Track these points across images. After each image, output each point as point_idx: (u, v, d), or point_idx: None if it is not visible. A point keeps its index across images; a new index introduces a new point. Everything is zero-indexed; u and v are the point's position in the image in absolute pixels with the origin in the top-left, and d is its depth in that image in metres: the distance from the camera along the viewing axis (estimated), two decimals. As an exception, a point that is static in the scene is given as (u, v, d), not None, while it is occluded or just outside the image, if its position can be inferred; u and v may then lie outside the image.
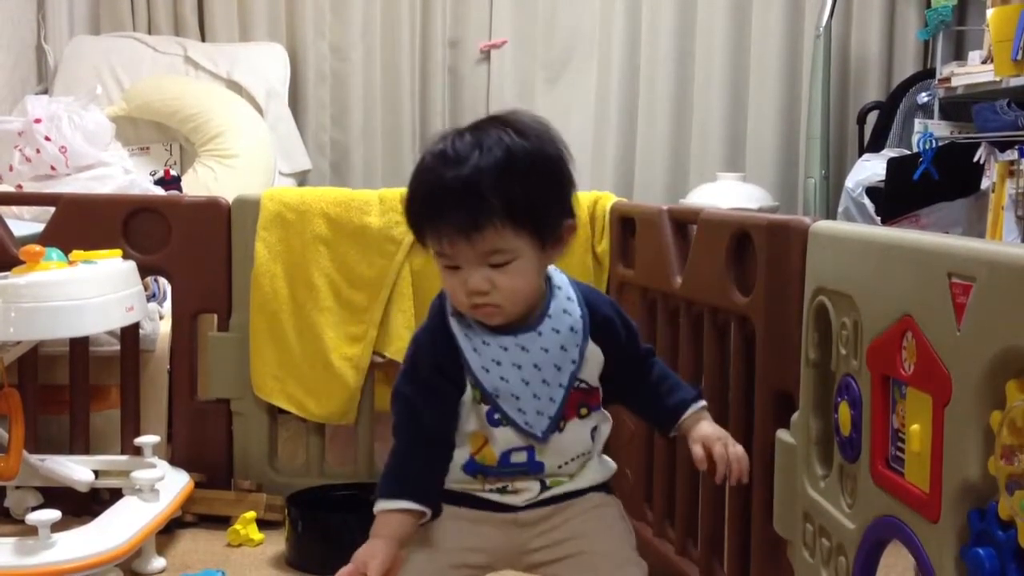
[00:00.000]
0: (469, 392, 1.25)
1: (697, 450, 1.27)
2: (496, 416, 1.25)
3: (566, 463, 1.29)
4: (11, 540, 1.69)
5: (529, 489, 1.28)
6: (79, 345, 2.19)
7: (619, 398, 1.37)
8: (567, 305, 1.30)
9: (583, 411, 1.29)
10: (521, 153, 1.20)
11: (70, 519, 1.85)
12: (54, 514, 1.69)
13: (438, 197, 1.20)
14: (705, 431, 1.30)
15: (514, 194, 1.18)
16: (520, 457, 1.27)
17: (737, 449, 1.28)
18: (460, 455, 1.27)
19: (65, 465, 2.03)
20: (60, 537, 1.70)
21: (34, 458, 2.01)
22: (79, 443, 2.21)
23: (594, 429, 1.31)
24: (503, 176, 1.18)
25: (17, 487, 2.11)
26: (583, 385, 1.28)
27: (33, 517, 1.69)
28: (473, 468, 1.27)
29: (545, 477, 1.29)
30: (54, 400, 2.23)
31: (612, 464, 1.38)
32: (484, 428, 1.26)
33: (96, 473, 2.05)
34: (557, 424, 1.26)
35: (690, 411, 1.32)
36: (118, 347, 2.23)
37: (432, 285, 2.24)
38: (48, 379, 2.22)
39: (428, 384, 1.25)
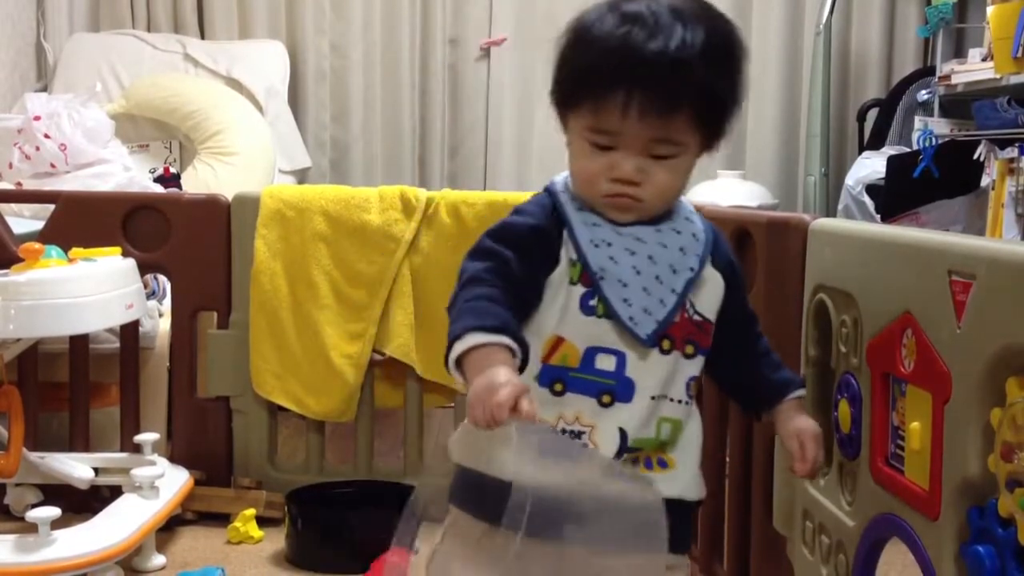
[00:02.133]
0: (564, 268, 1.07)
1: (793, 445, 1.15)
2: (592, 302, 1.06)
3: (660, 398, 1.08)
4: (11, 537, 1.69)
5: (604, 438, 1.06)
6: (79, 342, 2.19)
7: (716, 362, 1.16)
8: (690, 215, 1.16)
9: (689, 348, 1.11)
10: (724, 34, 1.07)
11: (70, 516, 1.85)
12: (54, 511, 1.69)
13: (633, 65, 1.03)
14: (804, 424, 1.16)
15: (717, 83, 1.05)
16: (608, 363, 1.07)
17: (821, 451, 1.16)
18: (530, 369, 1.05)
19: (65, 462, 2.03)
20: (60, 534, 1.70)
21: (34, 455, 2.01)
22: (79, 440, 2.21)
23: (692, 383, 1.12)
24: (711, 59, 1.04)
25: (17, 484, 2.11)
26: (696, 313, 1.11)
27: (33, 514, 1.69)
28: (550, 375, 1.06)
29: (629, 424, 1.06)
30: (54, 397, 2.23)
31: (704, 488, 1.19)
32: (568, 323, 1.06)
33: (96, 470, 2.05)
34: (663, 334, 1.08)
35: (793, 395, 1.18)
36: (118, 344, 2.23)
37: (432, 283, 2.24)
38: (48, 376, 2.22)
39: (520, 242, 1.07)
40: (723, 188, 3.38)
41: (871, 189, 3.04)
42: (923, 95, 3.28)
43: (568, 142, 1.12)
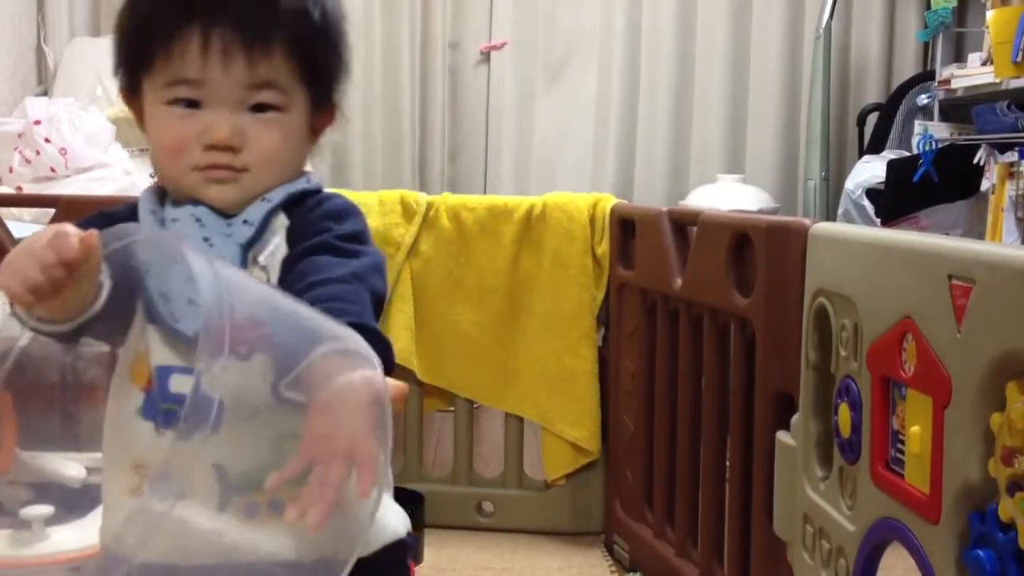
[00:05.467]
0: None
1: None
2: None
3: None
4: (5, 532, 1.72)
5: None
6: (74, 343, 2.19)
7: None
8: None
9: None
10: None
11: (63, 514, 1.85)
12: (47, 509, 1.71)
13: None
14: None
15: (314, 19, 0.93)
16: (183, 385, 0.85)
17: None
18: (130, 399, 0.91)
19: (57, 461, 2.03)
20: (53, 530, 1.72)
21: (26, 454, 2.01)
22: (71, 440, 2.20)
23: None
24: None
25: (10, 482, 2.11)
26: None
27: (27, 512, 1.71)
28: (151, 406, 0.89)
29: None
30: (47, 397, 2.23)
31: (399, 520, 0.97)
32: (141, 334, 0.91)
33: (88, 470, 2.05)
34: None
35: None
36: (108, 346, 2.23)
37: (432, 287, 2.25)
38: (40, 376, 2.22)
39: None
40: (723, 192, 3.38)
41: (871, 193, 3.04)
42: (923, 99, 3.28)
43: (147, 123, 0.94)
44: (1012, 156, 2.70)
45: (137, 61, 0.93)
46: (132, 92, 0.95)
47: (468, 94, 3.89)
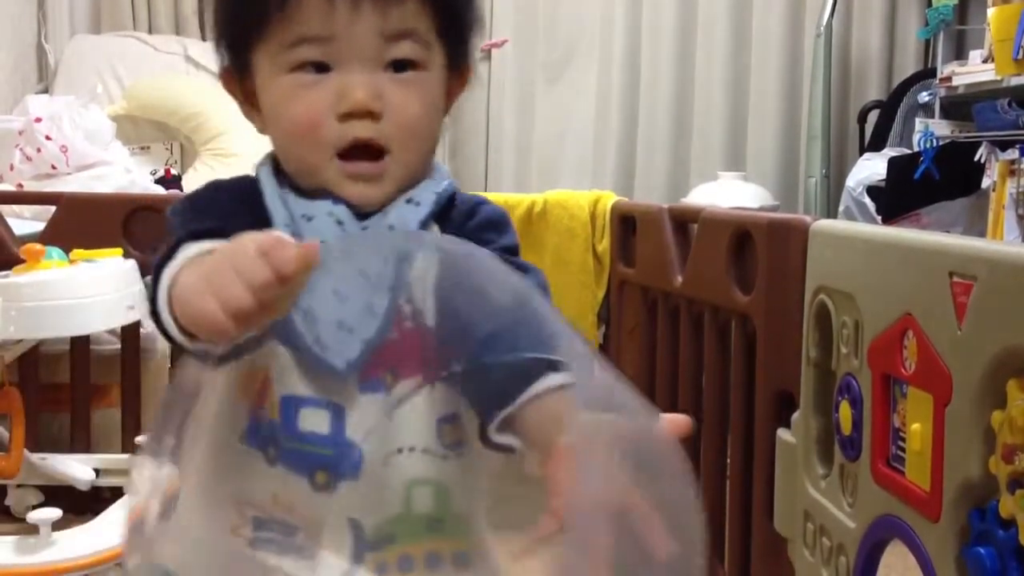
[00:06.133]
0: None
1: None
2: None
3: (394, 454, 0.72)
4: (12, 539, 1.70)
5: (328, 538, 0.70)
6: (80, 343, 2.19)
7: None
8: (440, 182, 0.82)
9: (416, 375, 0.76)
10: None
11: (71, 518, 1.85)
12: (55, 512, 1.70)
13: None
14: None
15: None
16: (318, 422, 0.72)
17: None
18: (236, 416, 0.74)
19: (66, 463, 2.03)
20: (61, 536, 1.70)
21: (35, 456, 2.01)
22: (80, 441, 2.21)
23: (445, 425, 0.75)
24: None
25: (18, 485, 2.11)
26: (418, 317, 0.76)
27: (34, 516, 1.69)
28: (261, 433, 0.73)
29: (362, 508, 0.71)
30: (55, 399, 2.23)
31: None
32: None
33: (97, 471, 2.05)
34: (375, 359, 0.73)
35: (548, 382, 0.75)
36: (119, 346, 2.23)
37: (433, 284, 2.25)
38: (49, 377, 2.22)
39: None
40: (724, 189, 3.38)
41: (872, 190, 3.04)
42: (924, 97, 3.28)
43: (265, 103, 0.79)
44: (1013, 153, 2.70)
45: (246, 26, 0.77)
46: (239, 70, 0.81)
47: (469, 92, 3.89)
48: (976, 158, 2.84)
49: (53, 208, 2.24)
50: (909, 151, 3.11)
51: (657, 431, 0.60)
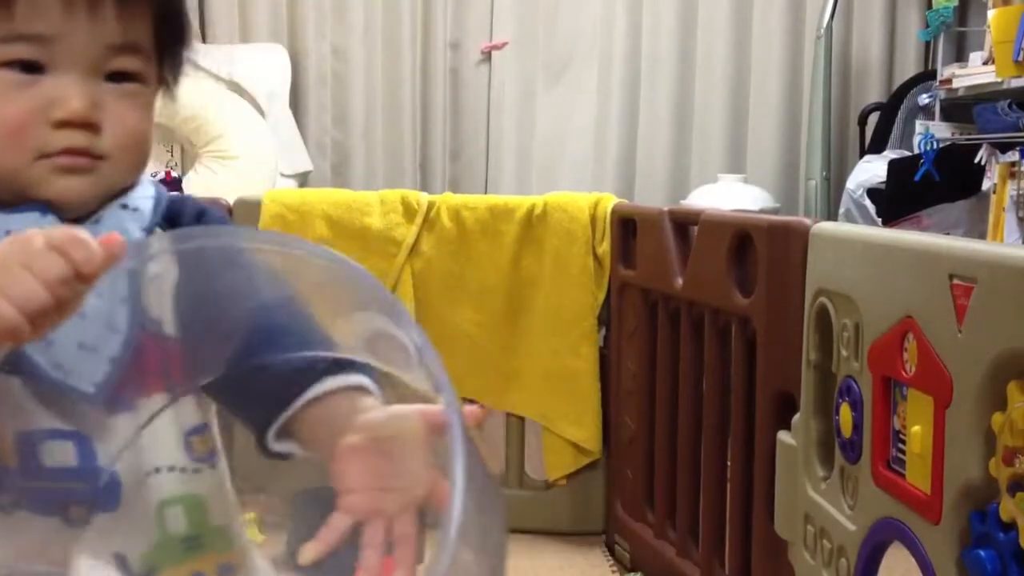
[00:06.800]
0: None
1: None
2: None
3: (149, 474, 0.70)
4: None
5: None
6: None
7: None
8: (145, 191, 0.76)
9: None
10: None
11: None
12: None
13: None
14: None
15: None
16: (64, 454, 0.67)
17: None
18: None
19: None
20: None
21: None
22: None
23: (194, 437, 0.73)
24: None
25: None
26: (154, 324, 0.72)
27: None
28: None
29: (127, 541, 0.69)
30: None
31: None
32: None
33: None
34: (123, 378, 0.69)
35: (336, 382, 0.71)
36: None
37: (433, 287, 2.25)
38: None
39: None
40: (724, 192, 3.38)
41: (872, 193, 3.04)
42: (924, 99, 3.27)
43: None
44: (1013, 156, 2.70)
45: None
46: None
47: (469, 94, 3.89)
48: (976, 160, 2.84)
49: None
50: (909, 153, 3.11)
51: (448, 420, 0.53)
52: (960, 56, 3.29)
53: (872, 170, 3.09)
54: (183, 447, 0.71)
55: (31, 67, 0.68)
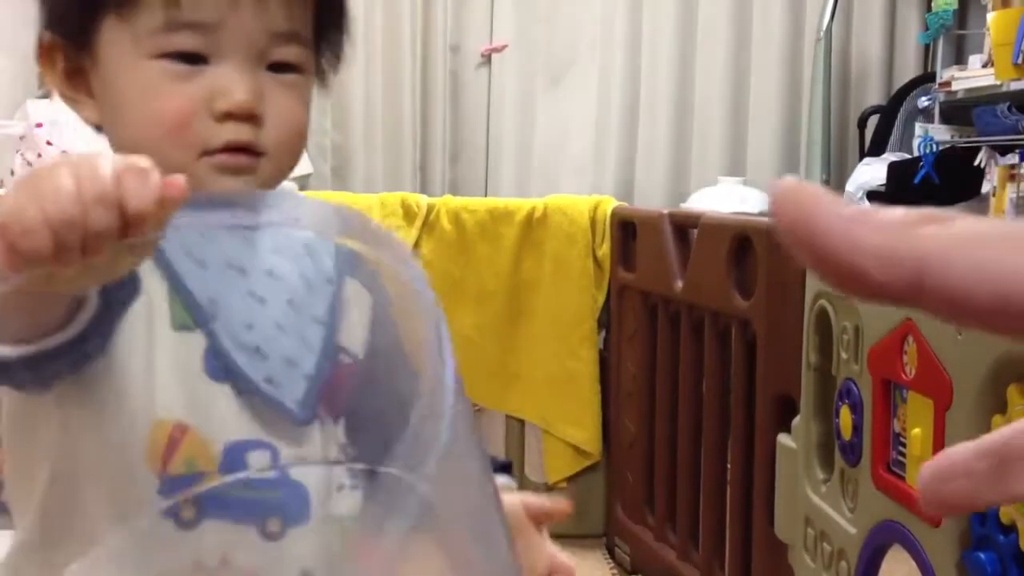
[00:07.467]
0: (155, 302, 0.65)
1: None
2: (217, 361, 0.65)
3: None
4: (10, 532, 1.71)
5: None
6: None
7: None
8: (292, 192, 0.76)
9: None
10: None
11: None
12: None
13: None
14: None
15: None
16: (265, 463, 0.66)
17: None
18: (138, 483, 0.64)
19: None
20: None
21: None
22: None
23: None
24: None
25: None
26: (347, 353, 0.70)
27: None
28: (172, 493, 0.64)
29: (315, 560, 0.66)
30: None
31: None
32: (187, 399, 0.65)
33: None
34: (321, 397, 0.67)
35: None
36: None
37: (434, 288, 2.24)
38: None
39: None
40: (724, 194, 3.38)
41: (872, 195, 3.04)
42: (924, 101, 3.28)
43: (114, 87, 0.68)
44: (1013, 158, 2.70)
45: None
46: (74, 42, 0.69)
47: (469, 96, 3.89)
48: (976, 163, 2.84)
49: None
50: (909, 156, 3.11)
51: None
52: (960, 59, 3.29)
53: (872, 172, 3.09)
54: (348, 466, 0.71)
55: (192, 59, 0.65)
